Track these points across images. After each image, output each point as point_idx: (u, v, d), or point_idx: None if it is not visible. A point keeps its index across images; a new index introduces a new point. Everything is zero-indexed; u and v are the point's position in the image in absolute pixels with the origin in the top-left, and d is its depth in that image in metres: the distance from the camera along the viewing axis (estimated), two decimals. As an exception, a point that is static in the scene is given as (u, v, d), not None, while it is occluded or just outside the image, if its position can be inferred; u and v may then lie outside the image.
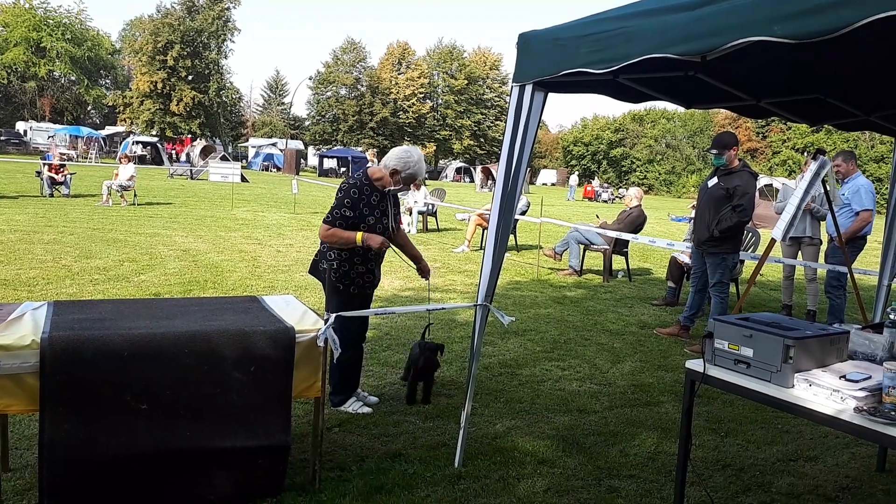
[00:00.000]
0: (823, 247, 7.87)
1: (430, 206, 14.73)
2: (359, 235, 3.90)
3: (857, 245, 7.22)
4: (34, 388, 2.66)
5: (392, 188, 4.10)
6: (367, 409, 4.16)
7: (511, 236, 10.94)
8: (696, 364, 2.83)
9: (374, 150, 49.36)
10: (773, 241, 5.48)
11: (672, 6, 2.48)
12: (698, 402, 4.54)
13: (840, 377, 2.48)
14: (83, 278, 7.49)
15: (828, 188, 5.77)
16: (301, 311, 3.34)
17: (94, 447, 2.73)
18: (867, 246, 7.48)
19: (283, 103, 79.04)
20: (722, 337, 2.77)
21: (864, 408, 2.32)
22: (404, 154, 4.06)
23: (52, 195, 16.70)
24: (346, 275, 4.03)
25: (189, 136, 54.41)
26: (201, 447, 2.90)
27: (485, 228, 11.88)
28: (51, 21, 55.95)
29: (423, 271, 4.40)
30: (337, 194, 4.00)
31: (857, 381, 2.43)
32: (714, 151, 6.20)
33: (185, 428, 2.87)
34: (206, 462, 2.94)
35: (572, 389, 4.93)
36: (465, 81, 68.60)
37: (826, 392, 2.43)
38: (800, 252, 7.95)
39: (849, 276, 6.21)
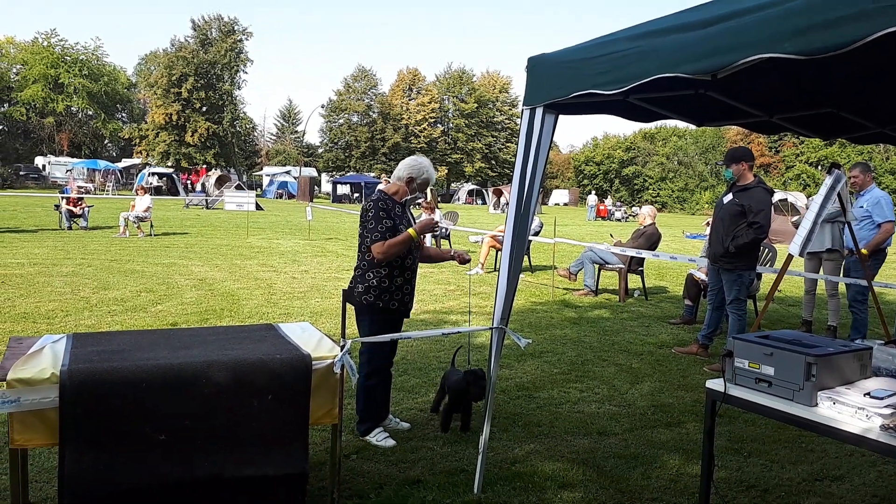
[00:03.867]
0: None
1: (444, 230, 14.75)
2: (411, 231, 3.98)
3: (878, 257, 7.15)
4: (54, 421, 2.67)
5: (409, 197, 4.17)
6: (391, 443, 4.07)
7: (525, 257, 10.92)
8: (716, 384, 2.79)
9: (386, 174, 49.69)
10: (790, 256, 5.43)
11: (681, 25, 2.49)
12: (720, 422, 4.47)
13: (864, 394, 2.44)
14: (101, 310, 7.55)
15: (843, 202, 5.73)
16: (317, 338, 3.34)
17: (113, 479, 2.73)
18: (888, 258, 7.40)
19: (296, 131, 79.87)
20: (742, 355, 2.73)
21: (891, 425, 2.28)
22: (414, 162, 4.18)
23: (70, 228, 16.93)
24: (387, 290, 4.04)
25: (204, 166, 55.09)
26: (220, 476, 2.89)
27: (498, 250, 11.87)
28: (68, 58, 57.12)
29: (460, 258, 4.27)
30: (367, 215, 4.02)
31: (882, 399, 2.39)
32: (721, 164, 6.44)
33: (203, 457, 2.86)
34: (225, 491, 2.93)
35: (591, 411, 4.88)
36: (476, 105, 69.06)
37: (851, 410, 2.39)
38: (821, 267, 7.86)
39: (870, 290, 6.14)
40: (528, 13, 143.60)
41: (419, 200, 4.41)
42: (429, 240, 14.08)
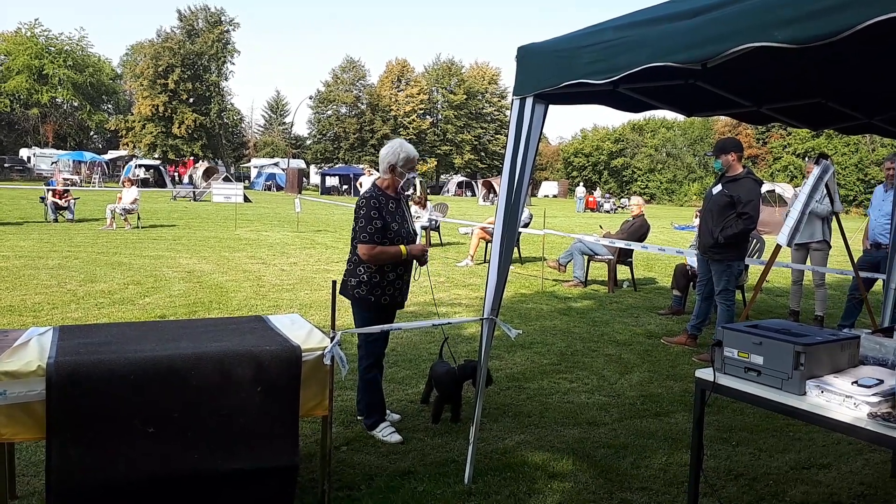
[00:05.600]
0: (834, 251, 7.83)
1: (433, 221, 14.73)
2: (403, 249, 3.98)
3: None
4: (41, 414, 2.65)
5: (402, 184, 4.10)
6: (397, 438, 4.02)
7: (514, 249, 10.93)
8: (705, 373, 2.80)
9: (371, 166, 49.58)
10: (778, 246, 5.46)
11: (671, 14, 2.48)
12: (708, 412, 4.49)
13: (852, 383, 2.46)
14: (88, 302, 7.49)
15: (831, 192, 5.77)
16: (307, 330, 3.33)
17: (101, 472, 2.71)
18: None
19: (284, 123, 79.49)
20: (731, 345, 2.74)
21: (878, 413, 2.29)
22: (388, 148, 4.12)
23: (56, 220, 16.77)
24: (378, 285, 4.01)
25: (191, 158, 54.66)
26: (209, 469, 2.88)
27: (488, 242, 11.87)
28: (52, 48, 56.47)
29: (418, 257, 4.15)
30: (358, 212, 3.98)
31: (869, 387, 2.41)
32: (710, 154, 6.47)
33: (192, 450, 2.85)
34: (214, 485, 2.92)
35: (581, 402, 4.90)
36: (465, 96, 68.90)
37: (839, 398, 2.41)
38: (808, 257, 7.91)
39: (858, 281, 6.19)
40: (517, 3, 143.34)
41: (408, 192, 4.36)
42: (419, 233, 14.06)
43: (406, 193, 4.26)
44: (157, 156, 55.67)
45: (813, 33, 2.03)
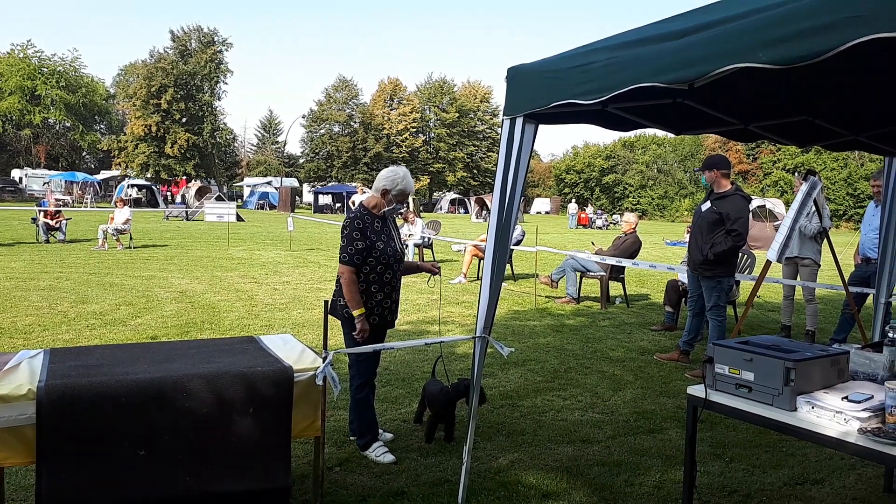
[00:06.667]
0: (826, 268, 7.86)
1: (426, 239, 14.75)
2: (359, 311, 3.92)
3: None
4: (31, 439, 2.63)
5: (387, 209, 4.13)
6: (390, 458, 3.99)
7: (507, 266, 10.94)
8: (697, 390, 2.81)
9: (363, 185, 49.70)
10: (768, 262, 5.49)
11: (658, 35, 2.51)
12: (701, 428, 4.50)
13: (842, 398, 2.47)
14: (79, 324, 7.44)
15: (820, 208, 5.82)
16: (299, 350, 3.33)
17: (92, 496, 2.69)
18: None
19: (276, 142, 79.64)
20: (722, 361, 2.76)
21: (869, 429, 2.30)
22: (390, 173, 4.13)
23: (47, 241, 16.70)
24: (365, 305, 4.02)
25: (184, 177, 54.62)
26: (201, 491, 2.86)
27: (480, 259, 11.88)
28: (45, 69, 56.49)
29: (432, 270, 4.49)
30: (343, 232, 4.01)
31: (859, 402, 2.42)
32: (699, 171, 6.66)
33: (184, 472, 2.83)
34: (206, 507, 2.90)
35: (575, 419, 4.89)
36: (457, 114, 69.29)
37: (829, 414, 2.42)
38: (798, 273, 7.95)
39: (848, 296, 6.23)
40: (508, 24, 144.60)
41: (400, 211, 4.39)
42: (411, 250, 14.07)
43: (399, 211, 4.31)
44: (149, 175, 55.58)
45: (797, 54, 2.06)
